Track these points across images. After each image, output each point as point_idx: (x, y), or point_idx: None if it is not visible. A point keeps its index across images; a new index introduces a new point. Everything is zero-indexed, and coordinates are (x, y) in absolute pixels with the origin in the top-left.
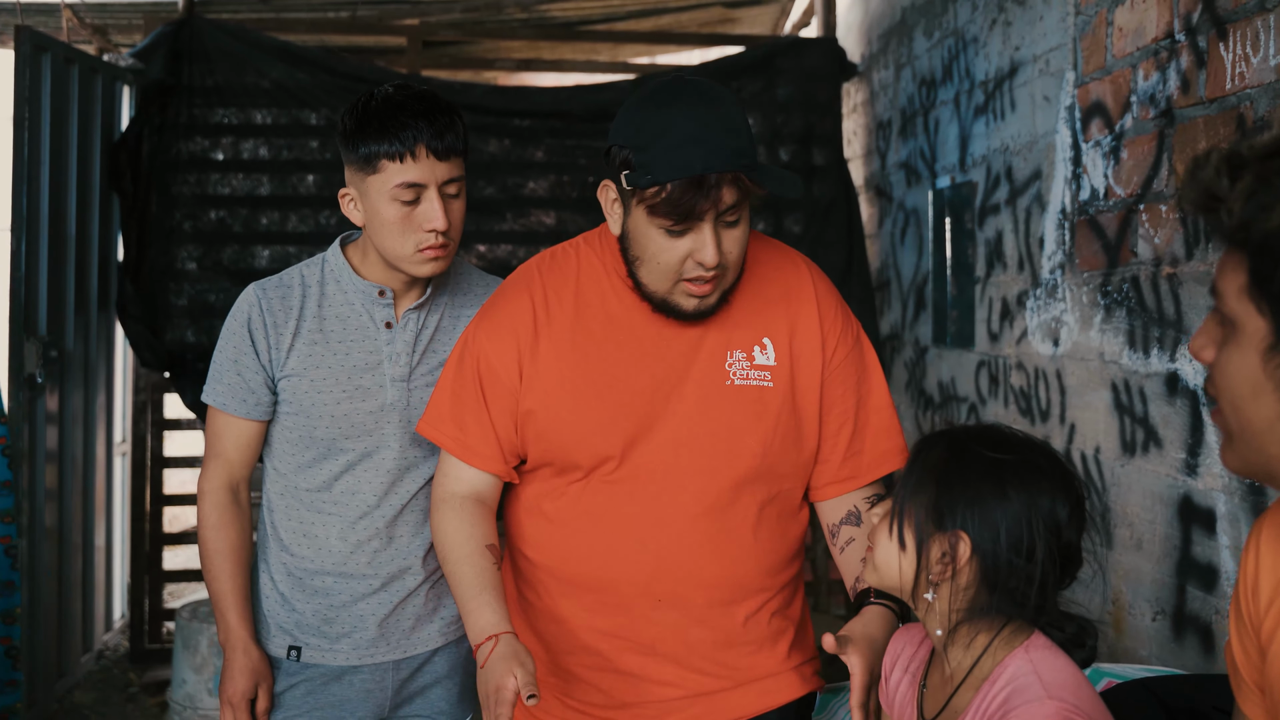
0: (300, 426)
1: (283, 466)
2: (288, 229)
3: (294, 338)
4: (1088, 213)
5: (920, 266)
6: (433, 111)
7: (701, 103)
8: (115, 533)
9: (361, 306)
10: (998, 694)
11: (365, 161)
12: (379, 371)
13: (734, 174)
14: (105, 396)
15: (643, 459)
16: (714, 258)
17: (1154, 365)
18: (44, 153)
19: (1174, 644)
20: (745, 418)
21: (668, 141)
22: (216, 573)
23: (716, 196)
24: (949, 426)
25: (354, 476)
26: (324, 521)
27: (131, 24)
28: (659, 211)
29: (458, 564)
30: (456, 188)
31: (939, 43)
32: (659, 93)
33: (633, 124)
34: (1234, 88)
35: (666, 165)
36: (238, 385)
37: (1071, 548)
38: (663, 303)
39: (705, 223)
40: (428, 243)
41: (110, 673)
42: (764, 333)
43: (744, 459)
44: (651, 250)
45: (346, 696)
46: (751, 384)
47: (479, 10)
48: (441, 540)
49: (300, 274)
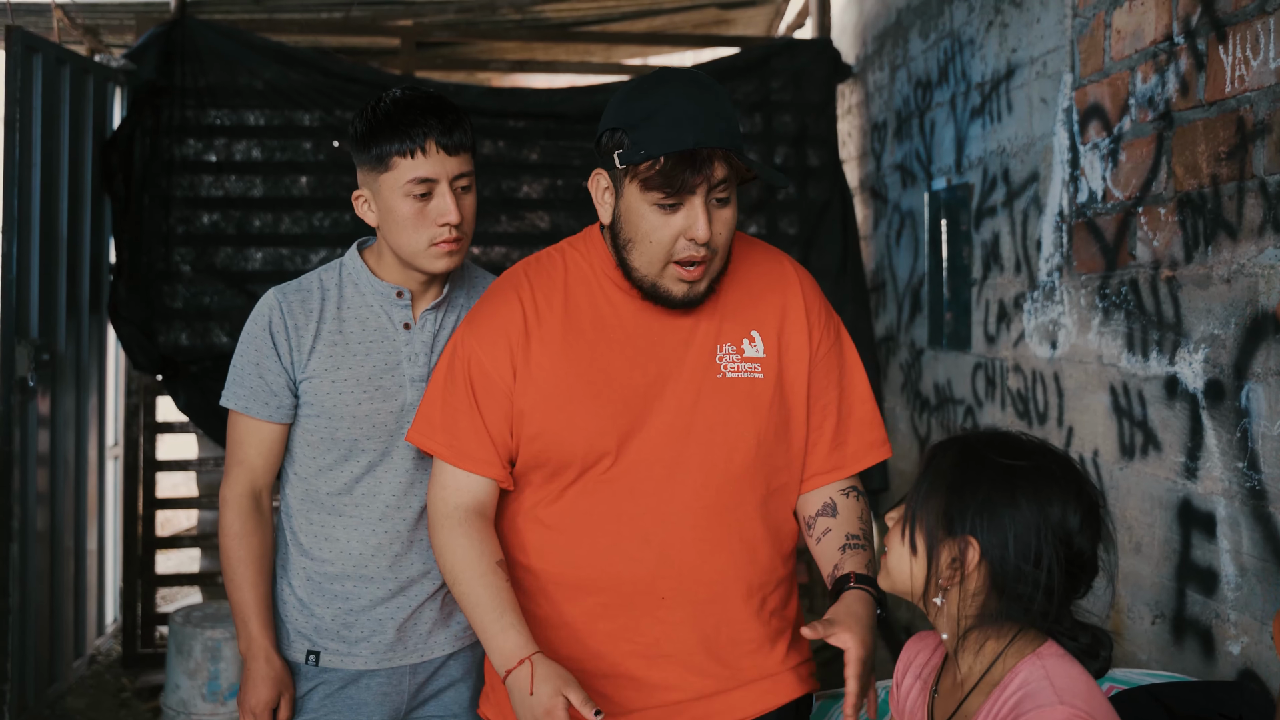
0: (322, 428)
1: (303, 471)
2: (281, 231)
3: (315, 340)
4: (1085, 215)
5: (916, 268)
6: (441, 109)
7: (692, 85)
8: (107, 537)
9: (380, 308)
10: (1009, 698)
11: (378, 160)
12: (398, 372)
13: (724, 151)
14: (97, 399)
15: (639, 454)
16: (705, 232)
17: (1153, 368)
18: (35, 154)
19: (1173, 648)
20: (739, 410)
21: (661, 119)
22: (240, 581)
23: (709, 171)
24: (964, 432)
25: (374, 478)
26: (344, 524)
27: (123, 25)
28: (653, 184)
29: (470, 584)
30: (467, 182)
31: (935, 44)
32: (649, 79)
33: (624, 108)
34: (1234, 90)
35: (660, 140)
36: (260, 388)
37: (1083, 556)
38: (653, 288)
39: (697, 196)
40: (441, 237)
41: (102, 678)
42: (752, 325)
43: (740, 451)
44: (644, 229)
45: (364, 700)
46: (743, 376)
47: (473, 11)
48: (449, 561)
49: (319, 278)
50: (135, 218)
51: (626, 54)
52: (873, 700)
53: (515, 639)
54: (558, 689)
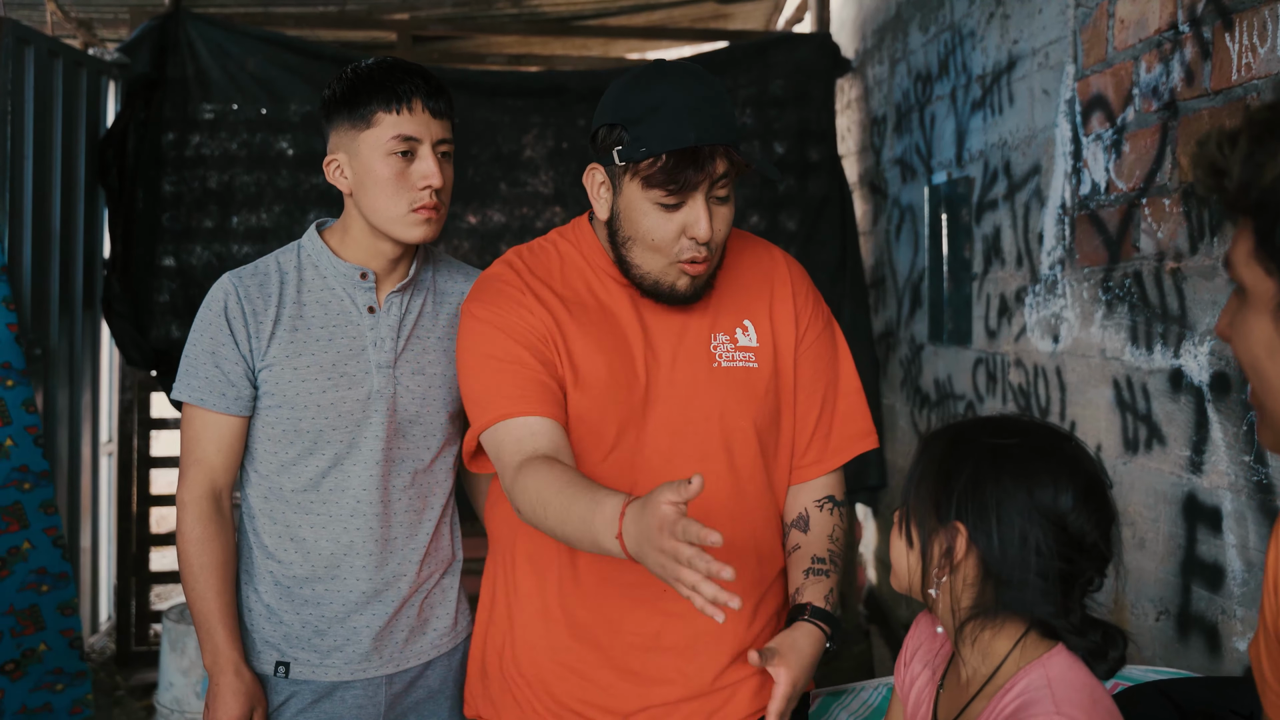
0: (284, 419)
1: (264, 468)
2: (276, 225)
3: (275, 325)
4: (1088, 207)
5: (916, 263)
6: (425, 74)
7: (690, 78)
8: (101, 534)
9: (342, 291)
10: (1008, 704)
11: (360, 118)
12: (363, 358)
13: (725, 147)
14: (91, 395)
15: (639, 445)
16: (707, 231)
17: (1157, 361)
18: (28, 148)
19: (1178, 644)
20: (737, 400)
21: (661, 114)
22: (203, 590)
23: (711, 167)
24: (961, 419)
25: (341, 472)
26: (312, 523)
27: (117, 18)
28: (654, 182)
29: (557, 497)
30: (448, 149)
31: (935, 37)
32: (646, 72)
33: (622, 102)
34: (1240, 79)
35: (661, 136)
36: (216, 378)
37: (1083, 541)
38: (654, 285)
39: (698, 194)
40: (421, 201)
41: (97, 676)
42: (744, 315)
43: (739, 441)
44: (645, 227)
45: (338, 713)
46: (738, 365)
47: (470, 5)
48: (530, 498)
49: (276, 261)
50: (129, 212)
51: (625, 48)
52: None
53: (610, 503)
54: (653, 503)
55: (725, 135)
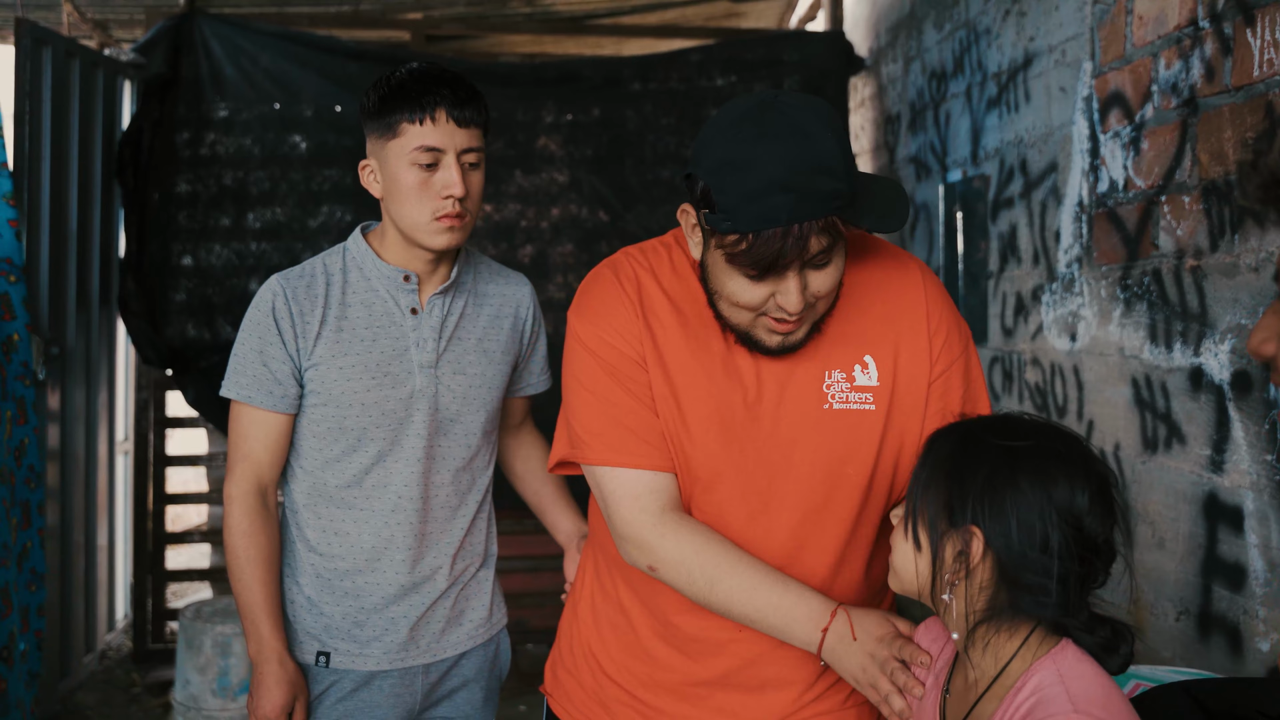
0: (330, 417)
1: (309, 464)
2: (291, 224)
3: (321, 325)
4: (1106, 205)
5: (931, 262)
6: (455, 82)
7: (791, 136)
8: (118, 532)
9: (386, 293)
10: (1022, 704)
11: (387, 127)
12: (406, 358)
13: (824, 220)
14: (107, 394)
15: (732, 487)
16: (798, 305)
17: (1177, 360)
18: (45, 148)
19: (1199, 644)
20: (846, 447)
21: (751, 186)
22: (249, 581)
23: (802, 247)
24: (962, 419)
25: (384, 469)
26: (354, 518)
27: (133, 19)
28: (738, 261)
29: (735, 573)
30: (475, 158)
31: (950, 35)
32: (744, 121)
33: (713, 156)
34: (1262, 75)
35: (748, 214)
36: (264, 377)
37: (1097, 540)
38: (744, 335)
39: (790, 270)
40: (444, 210)
41: (113, 673)
42: (866, 349)
43: (845, 492)
44: (730, 289)
45: (376, 701)
46: (852, 408)
47: (483, 4)
48: (693, 565)
49: (322, 263)
50: (144, 211)
51: (638, 47)
52: None
53: (814, 598)
54: (882, 619)
55: (826, 206)
